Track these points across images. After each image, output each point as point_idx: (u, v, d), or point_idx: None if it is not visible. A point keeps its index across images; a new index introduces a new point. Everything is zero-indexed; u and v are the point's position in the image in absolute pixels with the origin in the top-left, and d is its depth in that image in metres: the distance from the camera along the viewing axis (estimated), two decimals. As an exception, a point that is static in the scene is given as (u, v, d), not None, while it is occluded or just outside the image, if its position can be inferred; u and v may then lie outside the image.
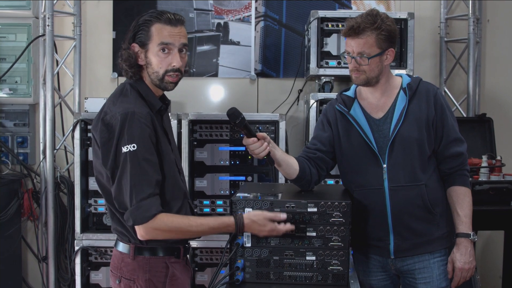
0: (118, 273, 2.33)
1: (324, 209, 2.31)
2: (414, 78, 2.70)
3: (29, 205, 4.39)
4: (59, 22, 4.48)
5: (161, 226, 2.18)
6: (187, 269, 2.45)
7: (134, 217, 2.15)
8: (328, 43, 3.93)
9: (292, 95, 4.50)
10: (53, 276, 4.17)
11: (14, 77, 4.35)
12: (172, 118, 3.66)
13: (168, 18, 2.31)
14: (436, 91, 2.65)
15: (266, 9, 4.54)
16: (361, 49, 2.53)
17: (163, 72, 2.30)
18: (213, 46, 4.55)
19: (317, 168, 2.69)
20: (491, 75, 4.56)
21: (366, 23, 2.51)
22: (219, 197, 3.80)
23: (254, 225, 2.26)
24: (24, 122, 4.49)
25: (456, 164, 2.63)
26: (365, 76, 2.58)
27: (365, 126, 2.63)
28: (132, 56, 2.31)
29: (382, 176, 2.58)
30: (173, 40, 2.30)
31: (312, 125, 3.78)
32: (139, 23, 2.31)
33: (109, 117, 2.21)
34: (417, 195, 2.56)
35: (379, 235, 2.62)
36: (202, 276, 3.83)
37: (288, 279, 2.33)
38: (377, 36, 2.52)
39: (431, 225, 2.61)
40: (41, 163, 4.28)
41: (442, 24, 4.51)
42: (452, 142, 2.62)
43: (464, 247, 2.58)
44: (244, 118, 2.38)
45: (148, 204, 2.15)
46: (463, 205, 2.60)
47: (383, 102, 2.66)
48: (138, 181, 2.15)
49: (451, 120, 2.64)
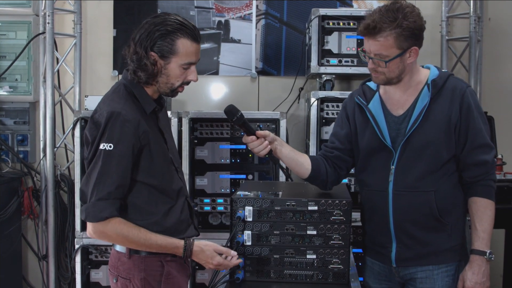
0: (115, 272, 2.34)
1: (325, 207, 2.30)
2: (442, 73, 2.44)
3: (29, 203, 4.39)
4: (59, 19, 4.47)
5: (109, 230, 2.19)
6: (184, 268, 2.44)
7: (87, 213, 2.17)
8: (329, 41, 3.91)
9: (293, 93, 4.49)
10: (53, 274, 4.17)
11: (14, 75, 4.34)
12: (173, 116, 3.66)
13: (194, 34, 2.26)
14: (464, 90, 2.38)
15: (267, 7, 4.53)
16: (378, 51, 2.30)
17: (178, 85, 2.30)
18: (214, 44, 4.55)
19: (334, 167, 2.55)
20: (492, 73, 4.55)
21: (384, 22, 2.25)
22: (219, 196, 3.79)
23: (201, 254, 2.28)
24: (24, 120, 4.49)
25: (480, 173, 2.39)
26: (385, 77, 2.37)
27: (382, 123, 2.44)
28: (154, 64, 2.23)
29: (387, 178, 2.43)
30: (197, 58, 2.30)
31: (313, 123, 3.78)
32: (161, 32, 2.22)
33: (98, 115, 2.22)
34: (424, 203, 2.38)
35: (381, 240, 2.50)
36: (202, 275, 3.82)
37: (288, 278, 2.33)
38: (397, 36, 2.26)
39: (440, 235, 2.42)
40: (41, 161, 4.28)
41: (443, 22, 4.50)
42: (477, 149, 2.37)
43: (478, 266, 2.37)
44: (242, 116, 2.36)
45: (104, 205, 2.15)
46: (483, 219, 2.38)
47: (405, 99, 2.44)
48: (103, 180, 2.15)
49: (479, 124, 2.37)
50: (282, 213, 2.31)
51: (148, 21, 2.26)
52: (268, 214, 2.31)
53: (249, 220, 2.31)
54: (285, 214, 2.31)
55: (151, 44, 2.22)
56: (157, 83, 2.30)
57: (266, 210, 2.31)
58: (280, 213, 2.31)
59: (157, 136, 2.33)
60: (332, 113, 3.81)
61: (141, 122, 2.22)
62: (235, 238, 2.33)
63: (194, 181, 3.79)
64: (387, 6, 2.29)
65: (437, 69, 2.47)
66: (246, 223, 2.32)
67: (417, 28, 2.30)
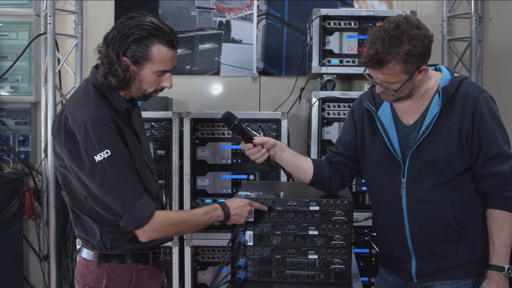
0: (82, 281, 2.24)
1: (326, 207, 2.30)
2: (455, 77, 2.26)
3: (31, 203, 4.40)
4: (60, 20, 4.47)
5: (161, 224, 2.12)
6: (157, 275, 2.37)
7: (135, 221, 2.08)
8: (330, 41, 3.92)
9: (294, 93, 4.49)
10: (54, 275, 4.16)
11: (15, 75, 4.35)
12: (174, 116, 3.66)
13: (170, 40, 2.13)
14: (477, 97, 2.20)
15: (268, 7, 4.53)
16: (386, 79, 2.14)
17: (151, 91, 2.20)
18: (215, 45, 4.55)
19: (338, 172, 2.47)
20: (494, 73, 4.54)
21: (389, 53, 2.05)
22: (221, 196, 3.79)
23: (235, 202, 2.28)
24: (25, 121, 4.49)
25: (496, 184, 2.22)
26: (395, 97, 2.23)
27: (392, 132, 2.31)
28: (125, 71, 2.11)
29: (400, 192, 2.30)
30: (172, 65, 2.18)
31: (314, 123, 3.78)
32: (135, 37, 2.09)
33: (71, 123, 2.08)
34: (441, 215, 2.24)
35: (399, 257, 2.37)
36: (204, 275, 3.82)
37: (290, 278, 2.32)
38: (403, 64, 2.08)
39: (462, 248, 2.28)
40: (42, 161, 4.28)
41: (445, 22, 4.50)
42: (492, 160, 2.20)
43: (495, 282, 2.21)
44: (239, 123, 2.31)
45: (142, 205, 2.09)
46: (501, 233, 2.21)
47: (416, 107, 2.29)
48: (124, 184, 2.08)
49: (493, 133, 2.21)
50: (284, 213, 2.31)
51: (123, 22, 2.12)
52: (270, 214, 2.31)
53: (250, 221, 2.31)
54: (286, 214, 2.31)
55: (124, 49, 2.09)
56: (129, 88, 2.19)
57: (268, 210, 2.31)
58: (281, 213, 2.31)
59: (131, 136, 2.23)
60: (333, 113, 3.81)
61: (117, 122, 2.13)
62: (236, 239, 2.33)
63: (195, 181, 3.79)
64: (390, 31, 2.07)
65: (449, 72, 2.30)
66: (248, 223, 2.32)
67: (425, 49, 2.11)
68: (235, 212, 2.27)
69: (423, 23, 2.13)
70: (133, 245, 2.21)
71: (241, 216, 2.27)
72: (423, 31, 2.10)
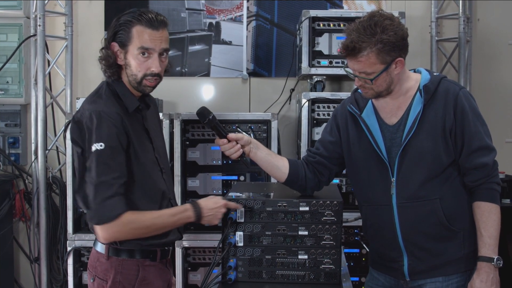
0: (93, 272, 2.34)
1: (316, 208, 2.31)
2: (434, 76, 2.35)
3: (21, 205, 4.38)
4: (50, 22, 4.47)
5: (125, 226, 2.16)
6: (164, 272, 2.41)
7: (98, 216, 2.14)
8: (320, 42, 3.93)
9: (284, 94, 4.51)
10: (45, 277, 4.16)
11: (5, 77, 4.34)
12: (164, 118, 3.66)
13: (150, 20, 2.23)
14: (457, 93, 2.28)
15: (258, 8, 4.54)
16: (362, 69, 2.23)
17: (141, 76, 2.26)
18: (205, 46, 4.55)
19: (315, 172, 2.50)
20: (482, 74, 4.58)
21: (363, 41, 2.16)
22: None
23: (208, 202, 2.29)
24: (15, 123, 4.48)
25: (481, 177, 2.28)
26: (374, 92, 2.29)
27: (377, 133, 2.36)
28: (111, 55, 2.27)
29: (390, 191, 2.35)
30: (154, 45, 2.24)
31: (304, 124, 3.79)
32: (120, 22, 2.26)
33: (79, 115, 2.22)
34: (431, 212, 2.30)
35: (391, 256, 2.41)
36: (195, 276, 3.83)
37: (280, 278, 2.33)
38: (378, 53, 2.18)
39: (452, 244, 2.33)
40: (33, 163, 4.27)
41: (433, 23, 4.53)
42: (475, 152, 2.27)
43: (485, 273, 2.25)
44: (214, 118, 2.36)
45: (112, 203, 2.12)
46: (488, 224, 2.26)
47: (397, 106, 2.35)
48: (103, 180, 2.13)
49: (475, 127, 2.28)
50: (274, 214, 2.32)
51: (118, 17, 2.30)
52: (260, 215, 2.32)
53: (240, 221, 2.32)
54: (276, 215, 2.32)
55: (113, 36, 2.27)
56: (128, 78, 2.29)
57: (258, 211, 2.32)
58: (271, 214, 2.32)
59: (142, 135, 2.31)
60: (323, 114, 3.83)
61: (124, 120, 2.21)
62: (227, 239, 2.33)
63: (186, 182, 3.79)
64: (364, 22, 2.20)
65: (428, 73, 2.38)
66: (238, 224, 2.33)
67: (399, 40, 2.20)
68: (209, 213, 2.29)
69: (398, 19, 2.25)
70: (139, 241, 2.28)
71: (215, 218, 2.30)
72: (396, 23, 2.21)
